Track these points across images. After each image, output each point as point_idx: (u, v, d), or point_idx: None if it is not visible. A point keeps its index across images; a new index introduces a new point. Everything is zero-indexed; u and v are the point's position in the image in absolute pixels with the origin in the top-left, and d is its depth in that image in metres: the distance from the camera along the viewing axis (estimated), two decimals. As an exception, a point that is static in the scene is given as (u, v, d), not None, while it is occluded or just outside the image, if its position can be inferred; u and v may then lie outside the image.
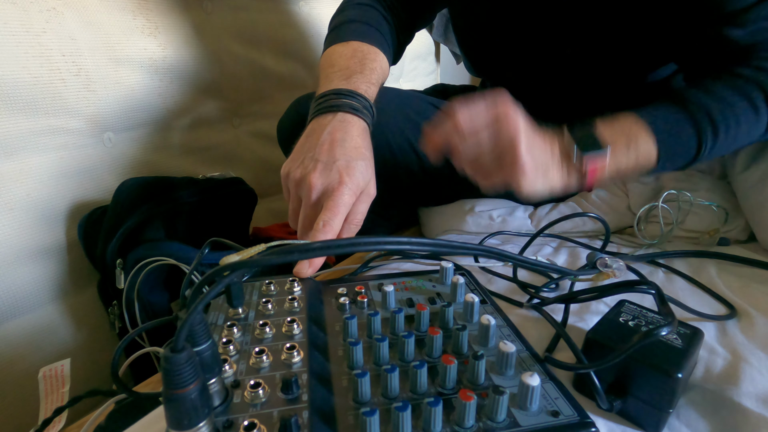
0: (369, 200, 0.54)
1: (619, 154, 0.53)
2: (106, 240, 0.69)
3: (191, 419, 0.25)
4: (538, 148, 0.50)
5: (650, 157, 0.54)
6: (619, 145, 0.52)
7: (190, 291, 0.33)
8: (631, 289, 0.40)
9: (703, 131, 0.54)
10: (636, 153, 0.53)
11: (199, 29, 0.88)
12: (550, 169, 0.52)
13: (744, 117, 0.55)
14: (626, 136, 0.53)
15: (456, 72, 1.68)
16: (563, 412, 0.29)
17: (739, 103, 0.55)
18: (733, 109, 0.54)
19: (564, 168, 0.52)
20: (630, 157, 0.53)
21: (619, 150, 0.53)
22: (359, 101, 0.58)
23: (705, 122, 0.54)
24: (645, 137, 0.53)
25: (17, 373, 0.68)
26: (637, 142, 0.53)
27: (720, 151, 0.57)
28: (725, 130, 0.54)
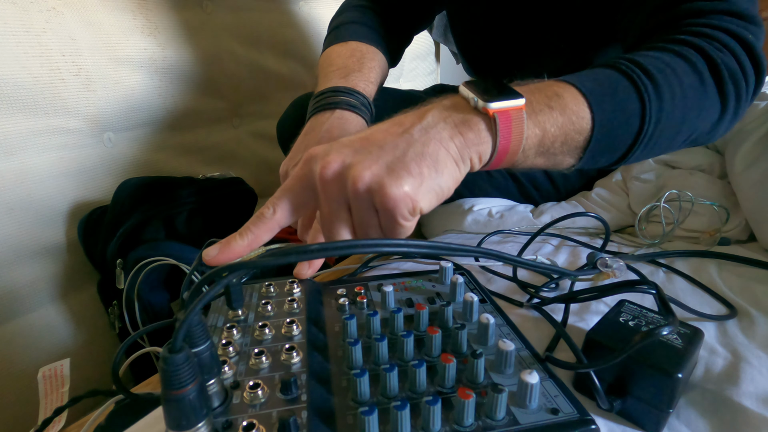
0: None
1: (539, 109, 0.38)
2: (106, 240, 0.69)
3: (190, 420, 0.25)
4: (388, 141, 0.34)
5: (582, 120, 0.39)
6: (538, 100, 0.38)
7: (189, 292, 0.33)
8: (631, 289, 0.40)
9: (643, 87, 0.41)
10: (562, 112, 0.39)
11: (199, 29, 0.88)
12: (431, 147, 0.34)
13: (688, 81, 0.43)
14: (545, 92, 0.39)
15: (456, 72, 1.67)
16: (563, 410, 0.29)
17: (678, 65, 0.43)
18: (673, 70, 0.43)
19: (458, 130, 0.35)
20: (555, 115, 0.38)
21: (538, 105, 0.38)
22: (357, 98, 0.58)
23: (643, 78, 0.42)
24: (571, 93, 0.40)
25: (17, 373, 0.68)
26: (562, 98, 0.39)
27: (669, 128, 0.44)
28: (669, 91, 0.42)
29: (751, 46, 0.46)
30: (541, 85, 0.40)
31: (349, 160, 0.33)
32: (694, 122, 0.45)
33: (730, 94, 0.45)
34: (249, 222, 0.36)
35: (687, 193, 0.68)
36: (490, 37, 0.81)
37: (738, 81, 0.45)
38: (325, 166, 0.34)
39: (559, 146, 0.40)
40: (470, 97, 0.36)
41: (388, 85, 0.74)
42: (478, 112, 0.36)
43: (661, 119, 0.43)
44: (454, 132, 0.35)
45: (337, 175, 0.34)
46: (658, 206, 0.68)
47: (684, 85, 0.43)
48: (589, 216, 0.65)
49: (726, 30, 0.45)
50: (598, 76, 0.42)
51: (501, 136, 0.35)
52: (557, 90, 0.40)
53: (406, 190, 0.32)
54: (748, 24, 0.46)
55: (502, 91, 0.36)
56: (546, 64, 0.77)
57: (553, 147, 0.40)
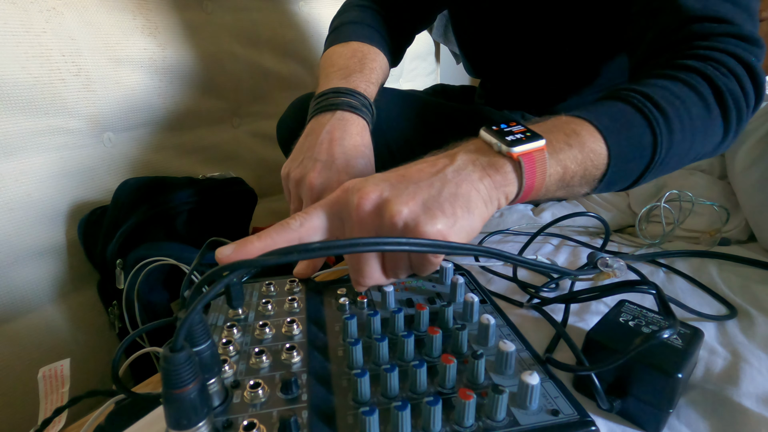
0: None
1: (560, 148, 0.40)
2: (106, 240, 0.69)
3: (190, 419, 0.25)
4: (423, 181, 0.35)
5: (599, 156, 0.41)
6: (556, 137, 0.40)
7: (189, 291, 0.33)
8: (631, 289, 0.40)
9: (656, 122, 0.43)
10: (581, 147, 0.40)
11: (199, 29, 0.88)
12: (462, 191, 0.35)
13: (696, 111, 0.46)
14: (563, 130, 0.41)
15: (456, 72, 1.68)
16: (563, 411, 0.29)
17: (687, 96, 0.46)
18: (682, 101, 0.45)
19: (486, 173, 0.37)
20: (574, 152, 0.40)
21: (557, 142, 0.40)
22: (358, 99, 0.58)
23: (655, 112, 0.44)
24: (588, 130, 0.41)
25: (17, 373, 0.68)
26: (580, 135, 0.41)
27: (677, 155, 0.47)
28: (679, 123, 0.44)
29: (754, 69, 0.47)
30: (558, 123, 0.42)
31: (387, 194, 0.34)
32: (699, 147, 0.48)
33: (733, 118, 0.47)
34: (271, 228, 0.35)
35: (687, 193, 0.68)
36: (493, 37, 0.81)
37: (740, 104, 0.47)
38: (364, 197, 0.34)
39: (578, 180, 0.42)
40: (493, 143, 0.38)
41: (389, 85, 0.74)
42: (503, 156, 0.37)
43: (672, 148, 0.45)
44: (483, 174, 0.36)
45: (375, 207, 0.34)
46: (658, 206, 0.68)
47: (692, 115, 0.45)
48: (590, 216, 0.65)
49: (732, 54, 0.47)
50: (612, 111, 0.44)
51: (526, 176, 0.37)
52: (575, 128, 0.41)
53: (439, 228, 0.33)
54: (752, 47, 0.48)
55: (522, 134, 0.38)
56: (548, 65, 0.77)
57: (572, 181, 0.41)
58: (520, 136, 0.37)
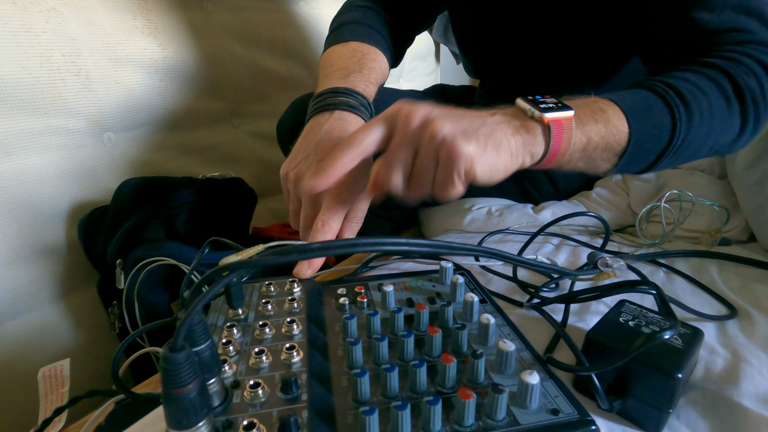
0: (369, 198, 0.54)
1: (586, 121, 0.44)
2: (106, 240, 0.69)
3: (190, 419, 0.25)
4: (468, 120, 0.41)
5: (621, 132, 0.46)
6: (584, 112, 0.45)
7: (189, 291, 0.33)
8: (631, 290, 0.40)
9: (676, 108, 0.48)
10: (605, 123, 0.45)
11: (199, 29, 0.88)
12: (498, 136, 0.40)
13: (716, 102, 0.49)
14: (591, 107, 0.46)
15: (456, 72, 1.68)
16: (563, 411, 0.29)
17: (709, 88, 0.50)
18: (703, 93, 0.49)
19: (519, 131, 0.42)
20: (599, 126, 0.45)
21: (585, 116, 0.45)
22: (356, 99, 0.58)
23: (676, 100, 0.48)
24: (614, 109, 0.46)
25: (17, 373, 0.68)
26: (606, 112, 0.46)
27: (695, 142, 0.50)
28: (699, 112, 0.48)
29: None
30: (587, 101, 0.47)
31: (434, 114, 0.40)
32: (716, 137, 0.52)
33: (750, 114, 0.51)
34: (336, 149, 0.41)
35: (687, 193, 0.68)
36: (492, 37, 0.81)
37: (758, 102, 0.51)
38: (414, 110, 0.40)
39: (600, 153, 0.46)
40: (527, 108, 0.43)
41: (389, 85, 0.74)
42: (535, 120, 0.42)
43: (689, 134, 0.49)
44: (515, 131, 0.41)
45: (421, 119, 0.40)
46: (658, 206, 0.68)
47: (712, 106, 0.49)
48: (590, 215, 0.65)
49: (750, 55, 0.51)
50: (637, 96, 0.49)
51: (554, 140, 0.42)
52: (602, 106, 0.46)
53: (470, 150, 0.37)
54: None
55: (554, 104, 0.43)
56: (548, 65, 0.77)
57: (594, 153, 0.46)
58: (552, 105, 0.43)
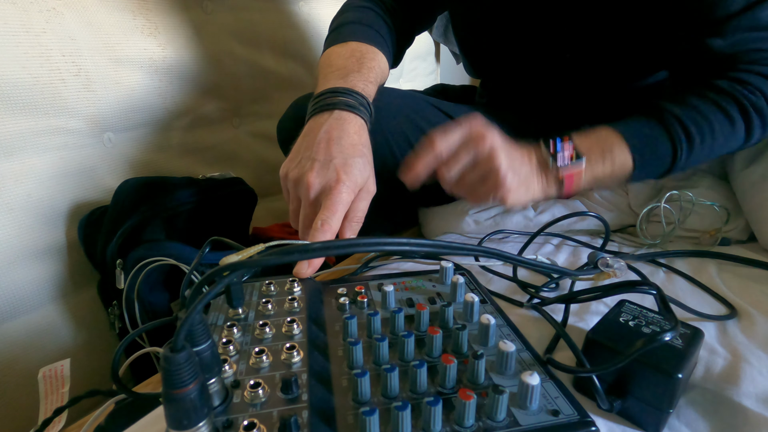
0: (369, 197, 0.54)
1: (595, 164, 0.56)
2: (106, 240, 0.69)
3: (191, 419, 0.25)
4: (518, 161, 0.54)
5: (626, 166, 0.57)
6: (595, 155, 0.56)
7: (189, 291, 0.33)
8: (632, 290, 0.40)
9: (678, 141, 0.57)
10: (612, 162, 0.56)
11: (199, 29, 0.88)
12: (531, 180, 0.56)
13: (719, 127, 0.57)
14: (601, 147, 0.57)
15: (456, 72, 1.67)
16: (563, 411, 0.29)
17: (713, 115, 0.57)
18: (708, 121, 0.57)
19: (543, 178, 0.57)
20: (606, 166, 0.57)
21: (595, 160, 0.56)
22: (356, 98, 0.58)
23: (679, 132, 0.57)
24: (620, 147, 0.56)
25: (17, 373, 0.68)
26: (612, 151, 0.56)
27: (697, 160, 0.59)
28: (700, 141, 0.57)
29: None
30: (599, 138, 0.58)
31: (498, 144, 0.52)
32: (719, 151, 0.60)
33: (756, 126, 0.58)
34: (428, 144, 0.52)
35: (687, 194, 0.68)
36: (492, 38, 0.81)
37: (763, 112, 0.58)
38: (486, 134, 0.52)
39: (606, 183, 0.59)
40: (549, 162, 0.56)
41: (389, 85, 0.74)
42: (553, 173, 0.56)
43: (690, 158, 0.58)
44: (539, 179, 0.57)
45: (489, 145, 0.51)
46: (658, 206, 0.68)
47: (715, 132, 0.57)
48: (590, 215, 0.65)
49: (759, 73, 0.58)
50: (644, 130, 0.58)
51: (565, 188, 0.56)
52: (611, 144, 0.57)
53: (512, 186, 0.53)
54: None
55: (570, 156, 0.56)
56: (547, 66, 0.77)
57: (602, 184, 0.59)
58: (568, 158, 0.56)
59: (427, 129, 0.74)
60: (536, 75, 0.80)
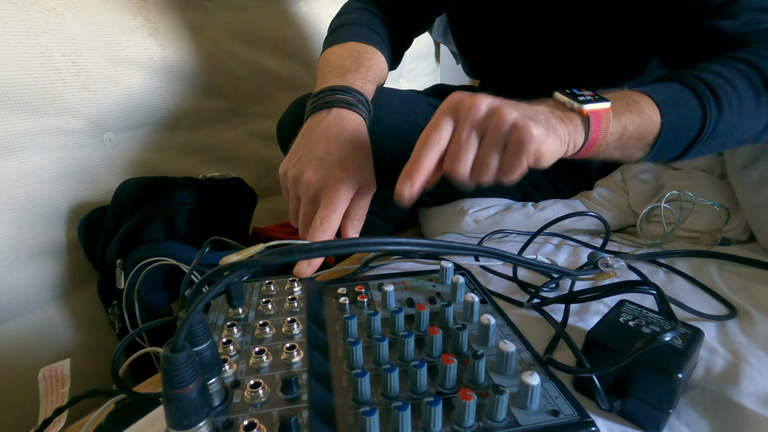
0: (369, 194, 0.54)
1: (622, 113, 0.47)
2: (106, 240, 0.69)
3: (191, 419, 0.25)
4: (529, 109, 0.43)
5: (654, 123, 0.48)
6: (620, 105, 0.47)
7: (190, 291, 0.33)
8: (632, 290, 0.40)
9: (707, 100, 0.50)
10: (639, 114, 0.48)
11: (199, 29, 0.88)
12: (554, 124, 0.43)
13: (745, 94, 0.51)
14: (625, 99, 0.48)
15: (456, 72, 1.67)
16: (563, 412, 0.29)
17: (737, 79, 0.51)
18: (732, 85, 0.51)
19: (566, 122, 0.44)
20: (633, 118, 0.47)
21: (621, 108, 0.47)
22: (354, 96, 0.57)
23: (707, 92, 0.50)
24: (647, 101, 0.49)
25: (17, 373, 0.68)
26: (639, 104, 0.48)
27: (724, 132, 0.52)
28: (728, 104, 0.50)
29: None
30: (621, 93, 0.49)
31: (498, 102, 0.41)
32: (745, 128, 0.54)
33: None
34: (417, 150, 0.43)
35: (688, 193, 0.68)
36: (491, 39, 0.81)
37: None
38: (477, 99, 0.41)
39: (634, 142, 0.49)
40: (566, 101, 0.45)
41: (389, 85, 0.74)
42: (575, 112, 0.45)
43: (719, 125, 0.51)
44: (560, 121, 0.44)
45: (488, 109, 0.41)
46: (658, 206, 0.68)
47: (741, 98, 0.51)
48: (590, 215, 0.65)
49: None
50: (669, 89, 0.51)
51: (592, 131, 0.44)
52: (636, 98, 0.48)
53: (540, 133, 0.40)
54: None
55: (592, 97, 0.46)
56: (546, 67, 0.77)
57: (629, 142, 0.48)
58: (590, 97, 0.46)
59: None
60: (534, 73, 0.80)
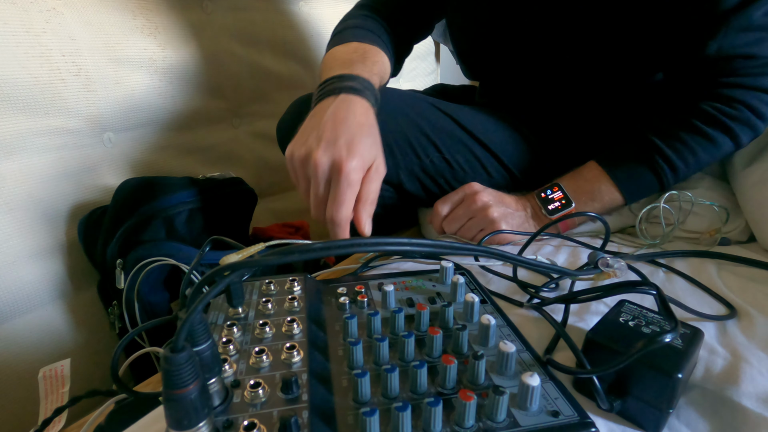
0: (379, 178, 0.54)
1: (584, 205, 0.66)
2: (106, 240, 0.69)
3: (191, 419, 0.25)
4: (510, 215, 0.67)
5: (615, 200, 0.65)
6: (584, 199, 0.65)
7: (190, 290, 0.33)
8: (632, 290, 0.40)
9: (662, 172, 0.64)
10: (601, 201, 0.66)
11: (199, 29, 0.88)
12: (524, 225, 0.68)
13: (702, 149, 0.63)
14: (590, 191, 0.65)
15: (456, 72, 1.67)
16: (563, 412, 0.29)
17: (695, 142, 0.63)
18: (691, 150, 0.63)
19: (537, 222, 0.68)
20: (596, 205, 0.66)
21: (585, 203, 0.66)
22: (361, 83, 0.58)
23: (662, 164, 0.64)
24: (608, 187, 0.64)
25: (17, 373, 0.68)
26: (601, 192, 0.65)
27: (686, 177, 0.67)
28: (684, 165, 0.64)
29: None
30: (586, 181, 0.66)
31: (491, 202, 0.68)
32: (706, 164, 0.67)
33: (743, 135, 0.63)
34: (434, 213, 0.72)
35: (687, 194, 0.68)
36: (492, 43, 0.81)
37: (753, 125, 0.62)
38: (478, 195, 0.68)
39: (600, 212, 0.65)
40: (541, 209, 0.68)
41: (389, 85, 0.74)
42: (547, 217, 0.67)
43: (677, 180, 0.66)
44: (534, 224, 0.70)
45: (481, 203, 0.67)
46: (658, 207, 0.68)
47: (699, 159, 0.64)
48: (590, 215, 0.65)
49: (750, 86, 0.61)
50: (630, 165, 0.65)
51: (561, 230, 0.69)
52: (598, 186, 0.65)
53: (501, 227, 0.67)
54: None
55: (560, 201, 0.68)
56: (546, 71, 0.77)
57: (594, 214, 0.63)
58: (558, 204, 0.67)
59: (427, 129, 0.74)
60: (535, 76, 0.80)
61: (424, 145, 0.74)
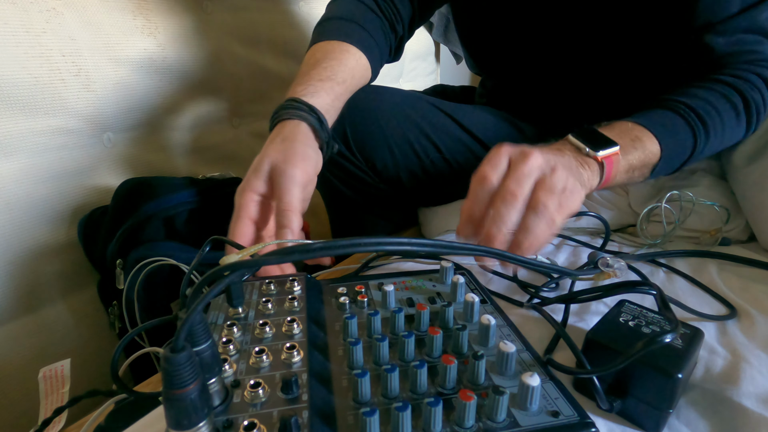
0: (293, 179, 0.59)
1: (629, 153, 0.55)
2: (106, 240, 0.69)
3: (191, 419, 0.25)
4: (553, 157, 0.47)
5: (654, 155, 0.57)
6: (626, 143, 0.55)
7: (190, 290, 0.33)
8: (632, 290, 0.40)
9: (697, 129, 0.59)
10: (642, 150, 0.56)
11: (199, 29, 0.88)
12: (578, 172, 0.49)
13: (728, 119, 0.61)
14: (629, 136, 0.56)
15: (456, 72, 1.68)
16: (563, 412, 0.29)
17: (723, 106, 0.60)
18: (717, 111, 0.60)
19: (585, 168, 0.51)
20: (637, 154, 0.55)
21: (627, 147, 0.55)
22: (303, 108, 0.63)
23: (697, 121, 0.59)
24: (648, 136, 0.56)
25: (17, 373, 0.68)
26: (642, 140, 0.56)
27: (707, 152, 0.63)
28: (714, 129, 0.60)
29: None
30: (625, 129, 0.57)
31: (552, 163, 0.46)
32: (726, 143, 0.65)
33: (753, 122, 0.63)
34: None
35: (688, 193, 0.68)
36: (498, 33, 0.80)
37: (760, 112, 0.62)
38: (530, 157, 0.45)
39: (638, 172, 0.57)
40: (581, 147, 0.52)
41: (389, 84, 0.74)
42: (590, 157, 0.51)
43: (706, 147, 0.61)
44: (581, 168, 0.50)
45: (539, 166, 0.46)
46: (659, 206, 0.68)
47: (724, 123, 0.61)
48: (590, 215, 0.65)
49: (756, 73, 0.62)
50: (665, 120, 0.59)
51: (606, 173, 0.52)
52: (638, 134, 0.57)
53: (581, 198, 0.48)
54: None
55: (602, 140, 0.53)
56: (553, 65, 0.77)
57: (633, 174, 0.57)
58: (599, 141, 0.53)
59: (427, 129, 0.74)
60: (540, 72, 0.80)
61: (424, 145, 0.74)
